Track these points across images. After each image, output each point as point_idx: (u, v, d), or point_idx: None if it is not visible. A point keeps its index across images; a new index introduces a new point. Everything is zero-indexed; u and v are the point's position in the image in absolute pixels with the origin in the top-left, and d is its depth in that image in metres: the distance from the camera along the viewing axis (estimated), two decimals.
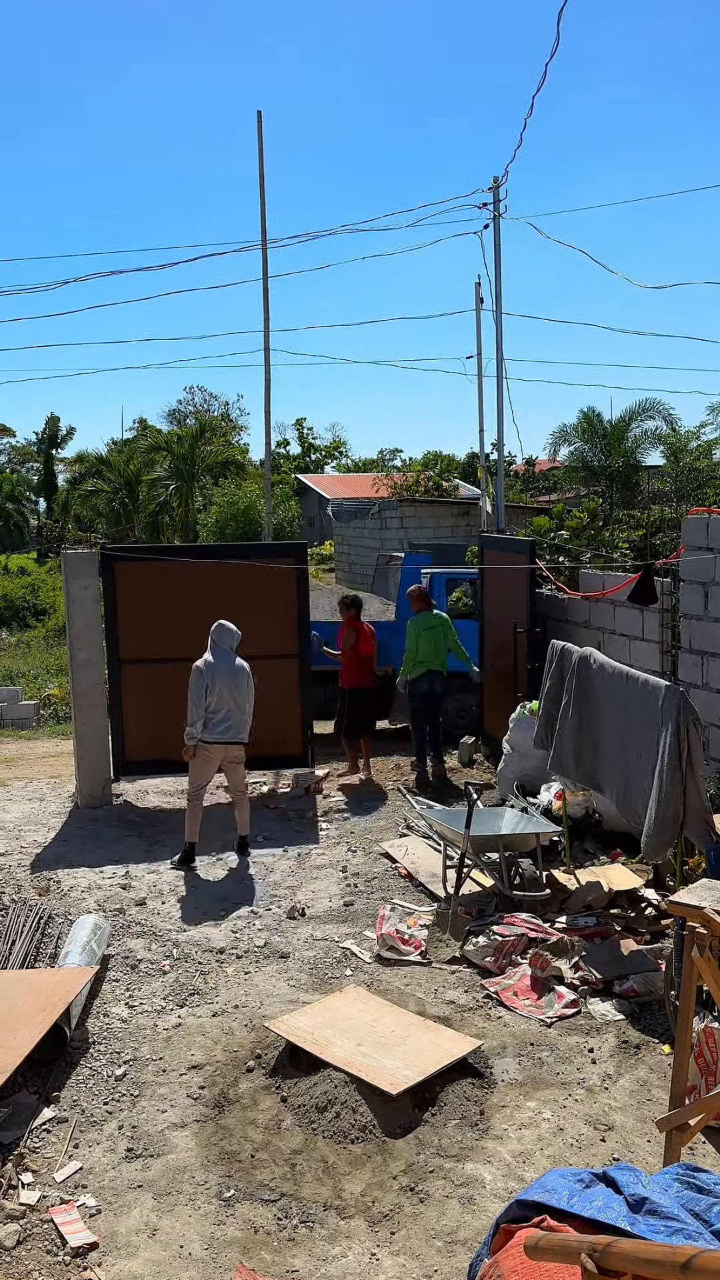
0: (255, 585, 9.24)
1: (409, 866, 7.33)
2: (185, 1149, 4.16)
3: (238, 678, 7.57)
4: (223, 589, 9.09)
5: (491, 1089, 4.52)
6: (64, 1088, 4.58)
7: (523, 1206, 2.38)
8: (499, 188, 13.27)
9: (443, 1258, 3.50)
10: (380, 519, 22.17)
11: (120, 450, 39.25)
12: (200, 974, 5.75)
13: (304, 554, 9.87)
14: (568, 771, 6.70)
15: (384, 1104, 4.25)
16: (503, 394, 13.31)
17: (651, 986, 5.30)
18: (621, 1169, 2.36)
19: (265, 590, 9.30)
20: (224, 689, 7.49)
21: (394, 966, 5.78)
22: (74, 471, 45.81)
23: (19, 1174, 3.96)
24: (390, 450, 58.69)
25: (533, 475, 36.75)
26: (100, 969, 5.61)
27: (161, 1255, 3.55)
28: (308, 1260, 3.52)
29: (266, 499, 13.11)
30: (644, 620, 8.02)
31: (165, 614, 9.14)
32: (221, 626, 7.73)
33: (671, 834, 5.35)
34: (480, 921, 6.20)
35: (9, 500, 53.72)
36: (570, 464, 26.93)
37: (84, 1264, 3.51)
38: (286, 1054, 4.71)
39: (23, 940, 5.83)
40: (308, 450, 57.45)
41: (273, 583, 9.36)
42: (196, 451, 33.07)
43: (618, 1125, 4.26)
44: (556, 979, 5.44)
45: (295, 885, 7.20)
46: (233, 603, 8.81)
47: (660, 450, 25.27)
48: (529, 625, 9.33)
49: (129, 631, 9.23)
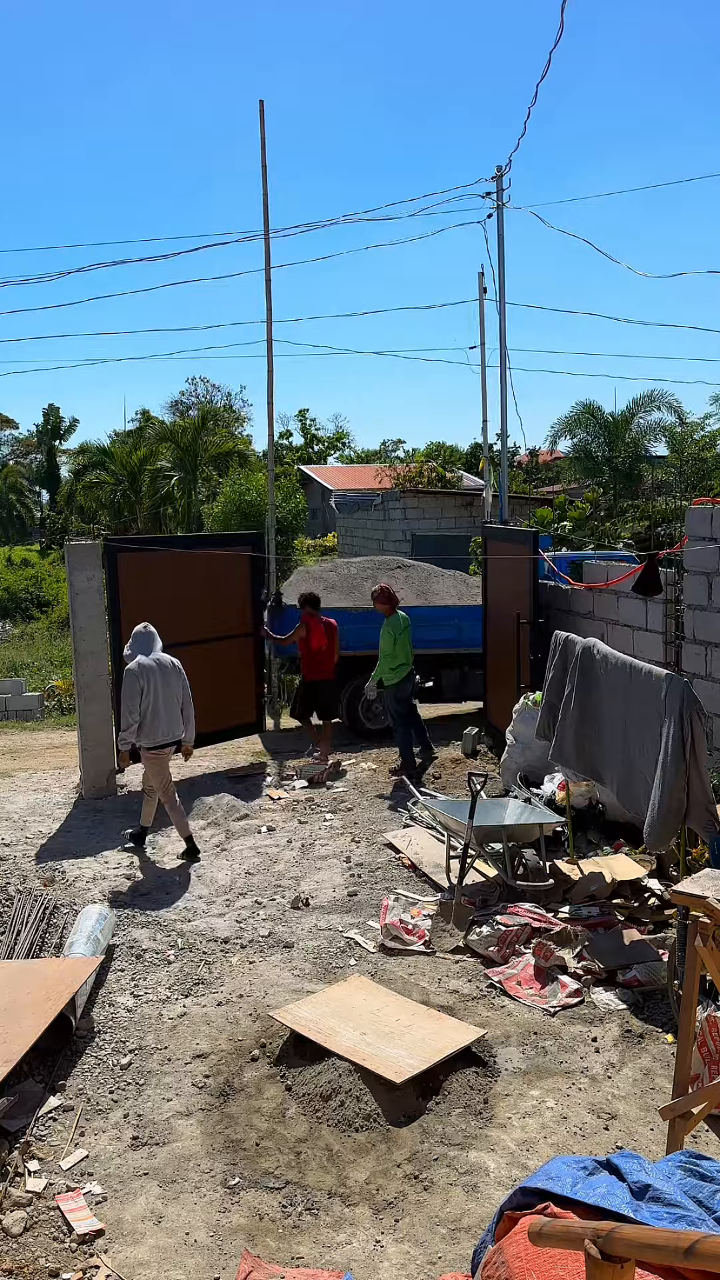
0: (216, 573, 10.15)
1: (413, 857, 7.35)
2: (190, 1137, 4.18)
3: (169, 677, 7.59)
4: (194, 578, 9.94)
5: (495, 1078, 4.54)
6: (70, 1076, 4.60)
7: (526, 1193, 2.40)
8: (502, 176, 13.23)
9: (447, 1245, 3.52)
10: (383, 510, 22.14)
11: (123, 441, 39.20)
12: (205, 963, 5.77)
13: (259, 542, 10.96)
14: (570, 762, 6.70)
15: (388, 1092, 4.27)
16: (506, 384, 13.30)
17: (654, 976, 5.32)
18: (625, 1156, 2.37)
19: (227, 576, 10.25)
20: (159, 689, 7.50)
21: (398, 956, 5.80)
22: (77, 463, 45.76)
23: (25, 1162, 3.99)
24: (393, 441, 58.64)
25: (536, 466, 36.67)
26: (105, 959, 5.63)
27: (167, 1242, 3.57)
28: (313, 1247, 3.54)
29: (270, 491, 13.10)
30: (648, 611, 8.01)
31: (160, 603, 9.49)
32: (147, 629, 7.79)
33: (675, 824, 5.36)
34: (484, 911, 6.22)
35: (11, 492, 53.74)
36: (573, 455, 26.87)
37: (90, 1251, 3.53)
38: (291, 1043, 4.73)
39: (28, 930, 5.86)
40: (310, 441, 57.38)
41: (230, 570, 10.30)
42: (199, 443, 33.04)
43: (621, 1114, 4.27)
44: (560, 968, 5.45)
45: (299, 875, 7.22)
46: (200, 590, 9.90)
47: (664, 441, 25.20)
48: (532, 616, 9.33)
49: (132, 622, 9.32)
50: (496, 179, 13.39)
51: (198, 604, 9.89)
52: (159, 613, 9.29)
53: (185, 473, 32.33)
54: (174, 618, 9.30)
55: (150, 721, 7.40)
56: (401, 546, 20.08)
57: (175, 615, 9.37)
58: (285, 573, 17.55)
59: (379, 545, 22.28)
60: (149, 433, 37.55)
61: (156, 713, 7.42)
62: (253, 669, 10.69)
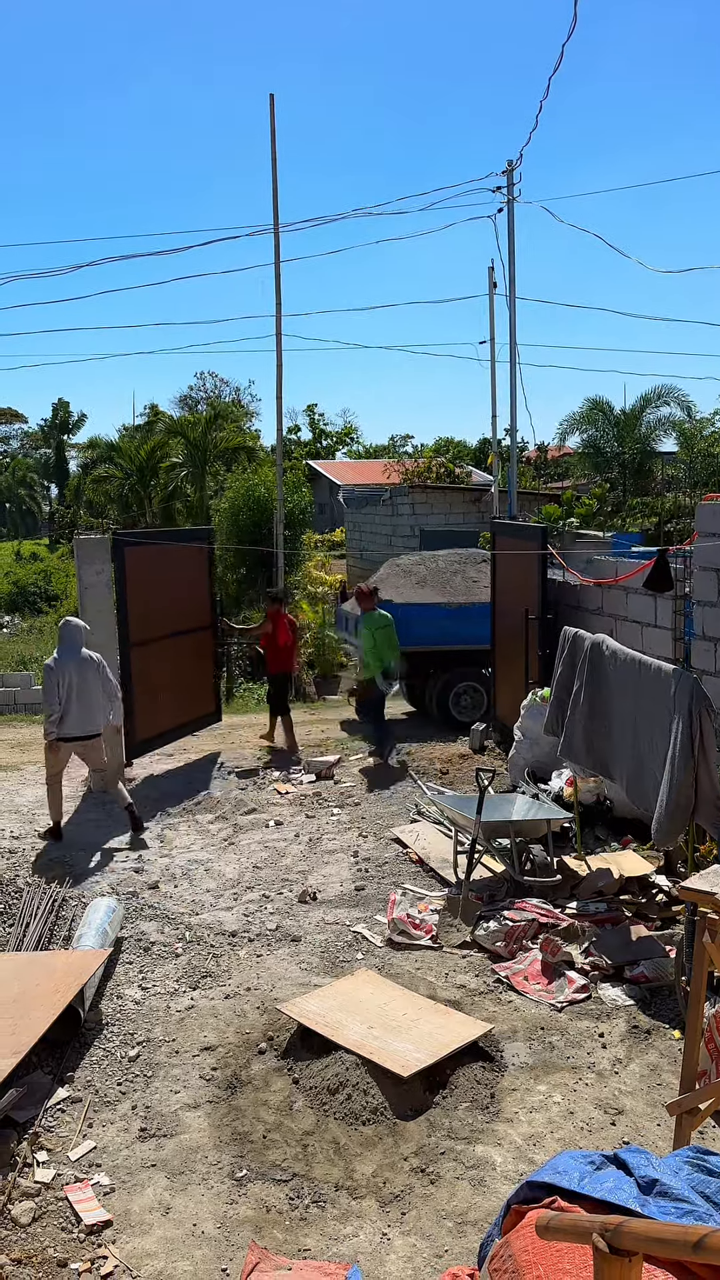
0: (187, 568, 10.44)
1: (420, 852, 7.35)
2: (198, 1129, 4.19)
3: (83, 670, 7.77)
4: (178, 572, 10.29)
5: (502, 1072, 4.54)
6: (78, 1068, 4.62)
7: (534, 1188, 2.40)
8: (513, 171, 13.18)
9: (453, 1238, 3.53)
10: (391, 505, 22.09)
11: (132, 436, 39.21)
12: (212, 957, 5.79)
13: (211, 536, 11.48)
14: (579, 758, 6.70)
15: (395, 1086, 4.28)
16: (516, 379, 13.26)
17: (662, 972, 5.31)
18: (632, 1151, 2.38)
19: (194, 571, 10.55)
20: (73, 684, 7.71)
21: (405, 951, 5.80)
22: (86, 457, 45.82)
23: (34, 1152, 4.01)
24: (401, 436, 58.40)
25: (544, 462, 36.54)
26: (114, 951, 5.65)
27: (175, 1233, 3.59)
28: (319, 1240, 3.55)
29: (279, 485, 13.09)
30: (657, 607, 7.99)
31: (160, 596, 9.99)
32: (67, 623, 8.05)
33: (683, 820, 5.35)
34: (491, 907, 6.22)
35: (20, 486, 53.82)
36: (582, 450, 26.79)
37: (98, 1241, 3.55)
38: (298, 1036, 4.74)
39: (37, 923, 5.88)
40: (319, 436, 57.27)
41: (194, 564, 10.57)
42: (208, 438, 33.02)
43: (628, 1109, 4.27)
44: (567, 964, 5.45)
45: (306, 870, 7.23)
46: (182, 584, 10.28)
47: (673, 437, 25.12)
48: (541, 612, 9.32)
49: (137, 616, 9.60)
50: (507, 173, 13.34)
51: (181, 598, 10.41)
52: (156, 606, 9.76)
53: (194, 467, 32.32)
54: (167, 611, 9.91)
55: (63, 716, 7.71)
56: (409, 542, 20.03)
57: (169, 609, 9.97)
58: (292, 567, 17.56)
59: (387, 540, 22.23)
60: (158, 427, 37.53)
61: (69, 707, 7.70)
62: (211, 661, 11.16)
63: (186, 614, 10.44)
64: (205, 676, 11.02)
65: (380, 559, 22.61)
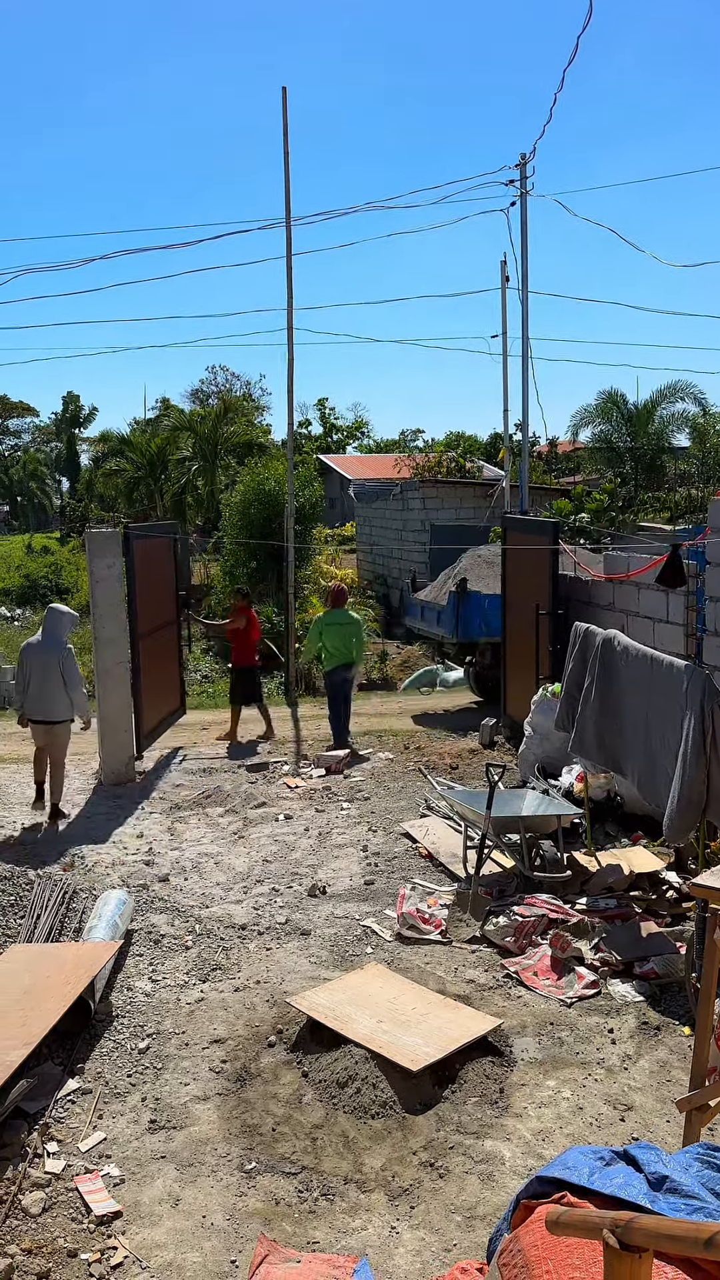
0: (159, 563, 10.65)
1: (429, 847, 7.35)
2: (207, 1121, 4.21)
3: (44, 658, 7.96)
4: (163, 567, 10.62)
5: (511, 1067, 4.54)
6: (88, 1060, 4.64)
7: (543, 1183, 2.40)
8: (526, 164, 13.12)
9: (462, 1232, 3.54)
10: (402, 500, 22.06)
11: (143, 430, 39.24)
12: (222, 950, 5.80)
13: (175, 530, 11.85)
14: (589, 754, 6.68)
15: (404, 1080, 4.29)
16: (528, 373, 13.22)
17: (672, 968, 5.30)
18: (642, 1148, 2.37)
19: (159, 569, 10.65)
20: (33, 669, 7.99)
21: (414, 945, 5.81)
22: (97, 451, 45.89)
23: (44, 1143, 4.03)
24: (412, 431, 58.22)
25: (555, 456, 36.41)
26: (124, 944, 5.67)
27: (184, 1225, 3.60)
28: (328, 1232, 3.56)
29: (289, 480, 13.09)
30: (669, 603, 7.96)
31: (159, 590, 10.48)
32: (51, 609, 8.31)
33: (694, 817, 5.34)
34: (501, 902, 6.22)
35: (31, 479, 53.92)
36: (594, 445, 26.68)
37: (108, 1232, 3.57)
38: (307, 1030, 4.75)
39: (48, 915, 5.90)
40: (329, 430, 57.16)
41: (160, 561, 10.70)
42: (219, 432, 33.02)
43: (637, 1105, 4.27)
44: (577, 960, 5.45)
45: (316, 863, 7.24)
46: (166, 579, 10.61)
47: (687, 432, 25.01)
48: (551, 607, 9.30)
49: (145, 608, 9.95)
50: (520, 166, 13.27)
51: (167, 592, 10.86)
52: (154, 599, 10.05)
53: (205, 461, 32.34)
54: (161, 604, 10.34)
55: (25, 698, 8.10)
56: (420, 536, 20.01)
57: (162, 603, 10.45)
58: (303, 562, 17.52)
59: (397, 535, 22.21)
60: (168, 421, 37.54)
61: (30, 690, 8.02)
62: (175, 658, 11.42)
63: (165, 608, 10.77)
64: (176, 670, 11.37)
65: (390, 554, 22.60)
